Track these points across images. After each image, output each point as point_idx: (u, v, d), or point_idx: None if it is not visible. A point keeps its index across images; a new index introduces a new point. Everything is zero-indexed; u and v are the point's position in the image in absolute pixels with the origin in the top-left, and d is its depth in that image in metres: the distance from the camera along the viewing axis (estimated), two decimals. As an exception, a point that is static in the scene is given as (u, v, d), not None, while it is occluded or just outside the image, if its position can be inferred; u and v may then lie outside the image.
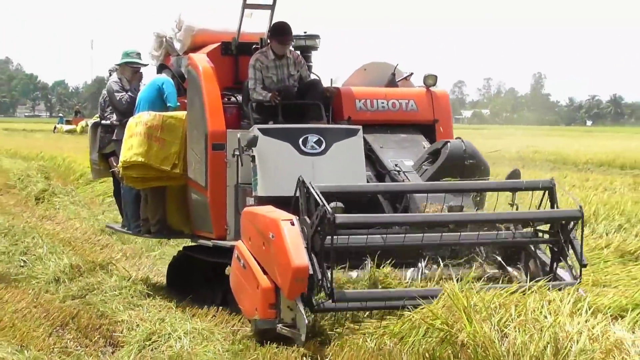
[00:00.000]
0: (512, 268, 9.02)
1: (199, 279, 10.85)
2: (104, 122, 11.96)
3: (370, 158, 10.03)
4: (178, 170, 10.49)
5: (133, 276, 11.38)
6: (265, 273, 8.38)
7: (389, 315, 8.09)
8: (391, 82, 10.97)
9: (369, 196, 9.47)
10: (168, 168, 10.48)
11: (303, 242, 8.03)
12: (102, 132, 11.99)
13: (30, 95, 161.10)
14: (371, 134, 10.16)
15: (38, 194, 22.12)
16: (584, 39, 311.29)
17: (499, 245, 9.05)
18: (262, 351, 8.07)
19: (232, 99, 10.52)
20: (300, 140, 9.57)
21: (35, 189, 22.74)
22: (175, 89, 10.81)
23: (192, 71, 10.37)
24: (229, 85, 10.66)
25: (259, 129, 9.56)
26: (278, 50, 10.30)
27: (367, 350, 7.63)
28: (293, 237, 8.00)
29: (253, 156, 9.47)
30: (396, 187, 9.58)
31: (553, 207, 8.85)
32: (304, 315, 7.89)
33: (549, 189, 8.89)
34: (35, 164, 30.05)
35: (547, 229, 8.91)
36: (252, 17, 10.89)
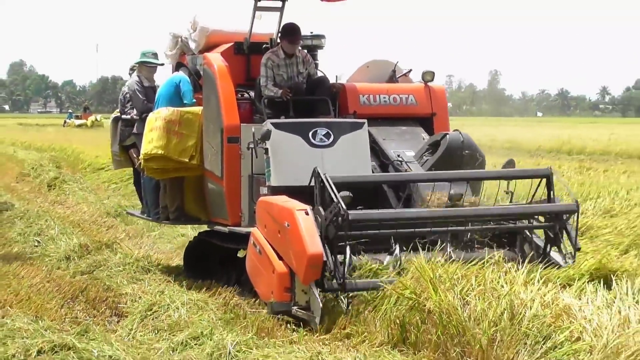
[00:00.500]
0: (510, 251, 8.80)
1: (214, 262, 10.57)
2: (124, 116, 11.66)
3: (374, 149, 9.77)
4: (195, 162, 10.22)
5: (135, 254, 11.41)
6: (280, 258, 8.15)
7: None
8: (392, 79, 10.70)
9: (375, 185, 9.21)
10: (186, 160, 10.21)
11: (317, 231, 7.77)
12: (122, 126, 11.69)
13: (42, 93, 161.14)
14: (374, 126, 9.89)
15: (50, 182, 22.16)
16: (535, 37, 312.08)
17: (498, 231, 8.84)
18: (251, 319, 8.17)
19: (245, 95, 10.21)
20: (310, 133, 9.33)
21: (48, 177, 22.81)
22: (191, 87, 10.54)
23: (207, 69, 10.07)
24: (241, 82, 10.36)
25: (272, 123, 9.32)
26: (288, 49, 10.01)
27: (344, 317, 7.65)
28: (308, 226, 7.78)
29: (266, 149, 9.22)
30: (402, 177, 9.31)
31: (550, 194, 8.63)
32: (319, 300, 7.68)
33: (546, 177, 8.65)
34: (47, 155, 30.52)
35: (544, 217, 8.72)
36: (262, 19, 10.52)
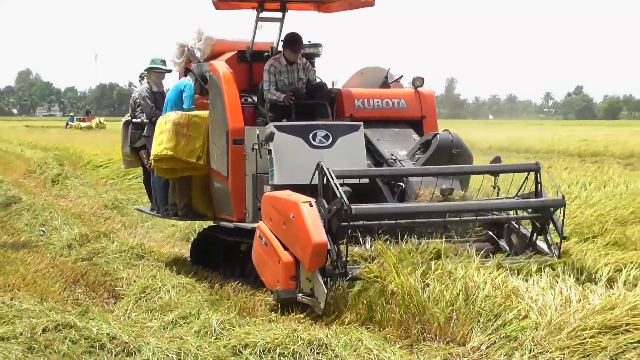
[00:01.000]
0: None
1: (218, 255, 10.24)
2: (134, 120, 11.30)
3: (369, 149, 9.49)
4: (202, 162, 9.90)
5: (130, 242, 11.43)
6: (285, 249, 7.84)
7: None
8: (384, 84, 10.39)
9: (374, 180, 8.92)
10: (194, 160, 9.89)
11: (321, 222, 7.50)
12: (132, 129, 11.33)
13: (47, 98, 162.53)
14: (369, 128, 9.61)
15: (54, 177, 22.16)
16: (487, 47, 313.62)
17: (488, 222, 8.52)
18: (234, 300, 8.26)
19: (248, 100, 9.89)
20: (311, 135, 9.04)
21: (52, 174, 22.81)
22: (193, 93, 10.23)
23: (213, 76, 9.74)
24: (244, 87, 10.04)
25: (275, 125, 9.02)
26: (290, 57, 9.70)
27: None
28: (312, 217, 7.52)
29: (269, 149, 8.91)
30: (398, 171, 9.02)
31: (538, 188, 8.33)
32: (324, 287, 7.41)
33: (535, 171, 8.35)
34: (51, 154, 30.71)
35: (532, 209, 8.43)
36: (263, 29, 10.17)
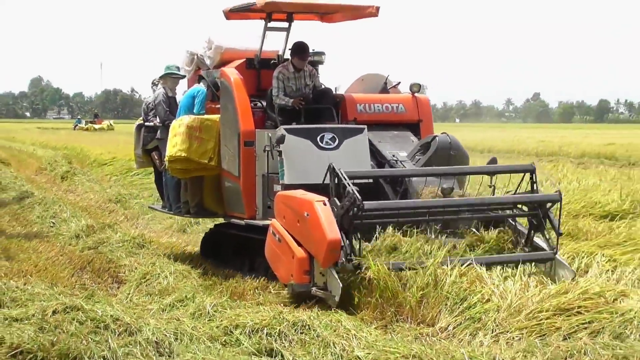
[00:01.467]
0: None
1: (228, 251, 9.90)
2: (147, 123, 10.90)
3: (371, 151, 9.18)
4: (214, 163, 9.57)
5: (132, 233, 11.49)
6: (299, 245, 7.53)
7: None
8: (384, 90, 10.07)
9: (378, 180, 8.57)
10: (206, 161, 9.56)
11: (334, 219, 7.20)
12: (145, 132, 10.95)
13: (57, 103, 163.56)
14: (370, 131, 9.29)
15: (63, 174, 22.21)
16: (454, 55, 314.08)
17: (486, 219, 8.20)
18: (226, 285, 8.35)
19: (257, 105, 9.50)
20: (318, 137, 8.73)
21: (61, 171, 22.85)
22: (204, 99, 9.85)
23: (224, 81, 9.41)
24: (253, 93, 9.70)
25: (285, 128, 8.71)
26: (298, 64, 9.40)
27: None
28: (326, 215, 7.24)
29: (280, 151, 8.59)
30: (404, 172, 8.69)
31: (533, 187, 8.04)
32: (339, 281, 7.11)
33: (531, 172, 8.03)
34: (61, 153, 30.80)
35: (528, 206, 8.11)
36: (269, 37, 9.71)
